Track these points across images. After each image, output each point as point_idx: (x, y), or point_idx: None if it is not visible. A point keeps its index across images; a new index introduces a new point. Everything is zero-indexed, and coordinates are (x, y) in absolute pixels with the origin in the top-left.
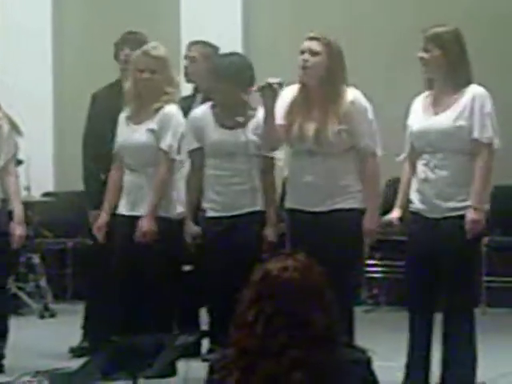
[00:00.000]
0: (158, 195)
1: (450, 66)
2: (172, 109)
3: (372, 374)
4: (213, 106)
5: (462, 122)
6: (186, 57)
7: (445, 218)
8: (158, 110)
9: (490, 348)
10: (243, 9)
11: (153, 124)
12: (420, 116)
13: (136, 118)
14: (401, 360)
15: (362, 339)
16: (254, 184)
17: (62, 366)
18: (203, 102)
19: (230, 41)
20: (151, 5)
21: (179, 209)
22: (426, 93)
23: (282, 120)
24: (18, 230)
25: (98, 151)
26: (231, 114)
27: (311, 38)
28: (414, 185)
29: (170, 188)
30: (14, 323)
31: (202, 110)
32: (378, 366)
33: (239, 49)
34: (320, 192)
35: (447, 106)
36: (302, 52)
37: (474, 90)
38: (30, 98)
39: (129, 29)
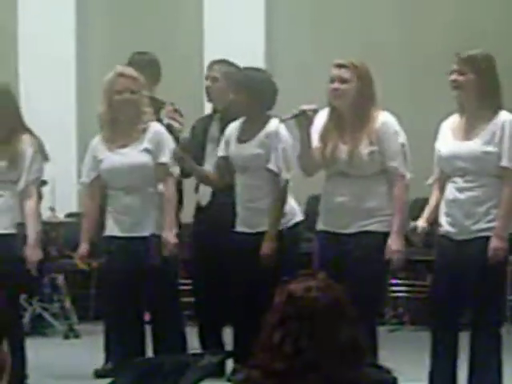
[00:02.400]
0: (173, 210)
1: (482, 90)
2: (158, 126)
3: None
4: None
5: (490, 148)
6: (208, 77)
7: (472, 239)
8: (144, 130)
9: None
10: (266, 27)
11: (146, 144)
12: (449, 140)
13: (118, 142)
14: (426, 380)
15: (386, 359)
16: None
17: None
18: (221, 122)
19: (252, 58)
20: (173, 24)
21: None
22: (455, 116)
23: (317, 143)
24: (31, 253)
25: None
26: (252, 127)
27: (339, 66)
28: (443, 208)
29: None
30: (39, 343)
31: (234, 124)
32: None
33: (262, 66)
34: (350, 213)
35: (478, 132)
36: (332, 80)
37: (505, 116)
38: (54, 121)
39: (152, 50)
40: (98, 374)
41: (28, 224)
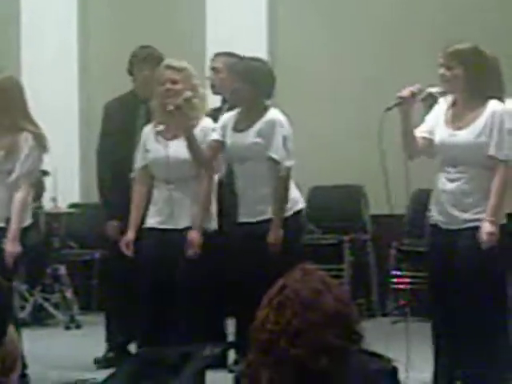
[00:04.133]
0: (206, 207)
1: (470, 83)
2: (207, 121)
3: None
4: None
5: (482, 139)
6: (212, 68)
7: (461, 230)
8: (193, 123)
9: None
10: (269, 22)
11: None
12: (442, 128)
13: (167, 133)
14: (429, 371)
15: (389, 350)
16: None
17: (87, 378)
18: (229, 112)
19: (255, 52)
20: (177, 21)
21: (213, 221)
22: (448, 101)
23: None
24: (9, 246)
25: (112, 162)
26: (249, 117)
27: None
28: (434, 197)
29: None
30: (40, 334)
31: (229, 113)
32: (404, 377)
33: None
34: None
35: (469, 122)
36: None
37: (494, 106)
38: (57, 111)
39: (154, 44)
40: (99, 364)
41: (12, 216)
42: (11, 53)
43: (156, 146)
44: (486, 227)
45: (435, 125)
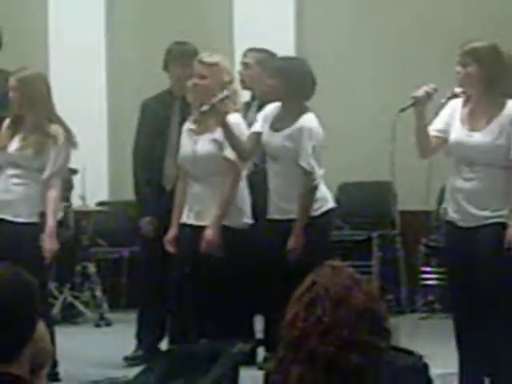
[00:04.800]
0: (224, 205)
1: (486, 82)
2: (236, 117)
3: (429, 380)
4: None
5: (500, 141)
6: (243, 63)
7: (479, 227)
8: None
9: None
10: (296, 19)
11: (217, 134)
12: (458, 127)
13: (198, 129)
14: (456, 367)
15: (418, 346)
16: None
17: (117, 376)
18: (259, 108)
19: (282, 49)
20: (204, 18)
21: (245, 218)
22: (461, 99)
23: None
24: (47, 243)
25: (148, 160)
26: (287, 117)
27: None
28: (449, 194)
29: (235, 197)
30: (70, 332)
31: (273, 106)
32: (434, 373)
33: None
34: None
35: (485, 122)
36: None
37: None
38: (85, 110)
39: (181, 40)
40: (128, 361)
41: (47, 213)
42: (39, 53)
43: (186, 143)
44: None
45: (449, 123)
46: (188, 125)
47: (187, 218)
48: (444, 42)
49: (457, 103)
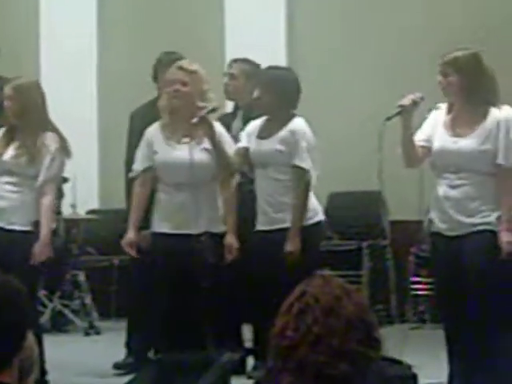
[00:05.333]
0: (234, 210)
1: (467, 90)
2: (218, 125)
3: None
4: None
5: (486, 147)
6: (227, 74)
7: (466, 235)
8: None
9: None
10: (287, 28)
11: (206, 143)
12: (441, 134)
13: (176, 136)
14: (446, 377)
15: (407, 356)
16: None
17: None
18: (243, 119)
19: (273, 58)
20: (196, 27)
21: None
22: (444, 109)
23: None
24: (40, 251)
25: None
26: (274, 125)
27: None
28: (434, 204)
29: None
30: (59, 340)
31: (256, 121)
32: (422, 383)
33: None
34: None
35: (469, 129)
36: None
37: (498, 114)
38: (76, 117)
39: (173, 49)
40: (118, 369)
41: (42, 222)
42: (30, 61)
43: (166, 149)
44: (505, 236)
45: (432, 132)
46: (159, 129)
47: (168, 227)
48: (432, 53)
49: (438, 114)
